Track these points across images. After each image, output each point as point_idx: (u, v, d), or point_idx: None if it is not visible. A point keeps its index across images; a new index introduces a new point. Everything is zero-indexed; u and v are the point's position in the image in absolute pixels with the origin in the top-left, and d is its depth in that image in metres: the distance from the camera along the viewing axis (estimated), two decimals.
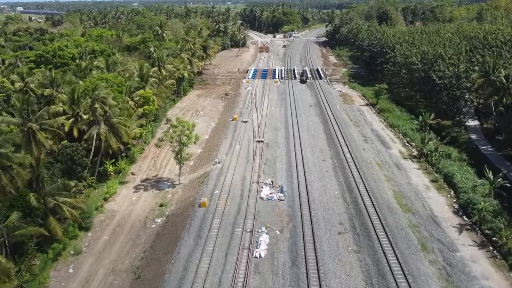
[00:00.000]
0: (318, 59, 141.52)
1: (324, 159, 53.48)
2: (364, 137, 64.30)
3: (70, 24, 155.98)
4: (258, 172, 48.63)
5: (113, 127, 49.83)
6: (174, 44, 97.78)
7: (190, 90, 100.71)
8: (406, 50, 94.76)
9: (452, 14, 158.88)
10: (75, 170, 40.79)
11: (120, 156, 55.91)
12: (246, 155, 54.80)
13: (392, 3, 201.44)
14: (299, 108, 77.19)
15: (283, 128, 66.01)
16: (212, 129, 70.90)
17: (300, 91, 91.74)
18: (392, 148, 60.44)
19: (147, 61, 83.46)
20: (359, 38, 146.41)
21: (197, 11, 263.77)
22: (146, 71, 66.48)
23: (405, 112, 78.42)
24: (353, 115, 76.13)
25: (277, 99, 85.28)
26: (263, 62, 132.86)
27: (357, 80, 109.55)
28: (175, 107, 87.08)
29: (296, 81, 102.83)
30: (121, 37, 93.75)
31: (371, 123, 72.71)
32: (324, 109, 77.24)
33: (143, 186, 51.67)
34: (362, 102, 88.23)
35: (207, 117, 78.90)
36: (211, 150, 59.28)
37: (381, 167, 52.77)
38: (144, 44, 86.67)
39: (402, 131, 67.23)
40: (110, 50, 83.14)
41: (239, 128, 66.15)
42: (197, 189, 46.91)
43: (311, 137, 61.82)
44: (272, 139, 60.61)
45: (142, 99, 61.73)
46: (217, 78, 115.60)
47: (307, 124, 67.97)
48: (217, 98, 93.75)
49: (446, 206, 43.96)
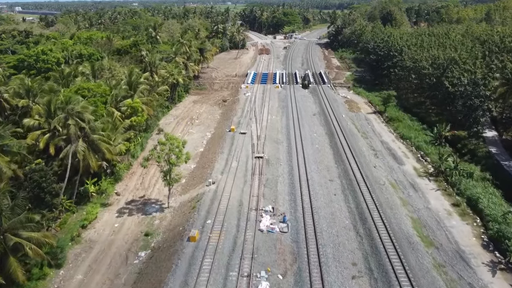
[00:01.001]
0: (321, 62, 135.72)
1: (331, 178, 47.68)
2: (374, 150, 58.54)
3: (63, 25, 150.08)
4: (257, 196, 42.83)
5: (93, 143, 44.09)
6: (169, 47, 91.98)
7: (186, 95, 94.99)
8: (415, 53, 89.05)
9: (459, 15, 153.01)
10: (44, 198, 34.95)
11: (104, 174, 50.17)
12: (244, 174, 48.98)
13: (396, 3, 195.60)
14: (302, 117, 71.39)
15: (284, 140, 60.22)
16: (208, 141, 65.15)
17: (302, 98, 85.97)
18: (405, 164, 54.68)
19: (139, 65, 77.76)
20: (363, 39, 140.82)
21: (196, 11, 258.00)
22: (136, 78, 60.73)
23: (416, 121, 72.66)
24: (360, 125, 70.36)
25: (278, 106, 79.49)
26: (263, 65, 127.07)
27: (362, 84, 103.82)
28: (169, 114, 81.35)
29: (298, 86, 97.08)
30: (111, 39, 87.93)
31: (380, 134, 66.97)
32: (329, 118, 71.44)
33: (128, 210, 45.91)
34: (369, 109, 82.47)
35: (203, 127, 73.15)
36: (205, 167, 53.50)
37: (396, 188, 47.00)
38: (135, 47, 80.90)
39: (415, 144, 61.47)
40: (98, 54, 77.41)
41: (237, 141, 60.36)
42: (188, 216, 41.11)
43: (316, 151, 56.03)
44: (273, 154, 54.82)
45: (130, 109, 55.99)
46: (215, 82, 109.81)
47: (311, 136, 62.19)
48: (214, 104, 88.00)
49: (474, 238, 38.18)
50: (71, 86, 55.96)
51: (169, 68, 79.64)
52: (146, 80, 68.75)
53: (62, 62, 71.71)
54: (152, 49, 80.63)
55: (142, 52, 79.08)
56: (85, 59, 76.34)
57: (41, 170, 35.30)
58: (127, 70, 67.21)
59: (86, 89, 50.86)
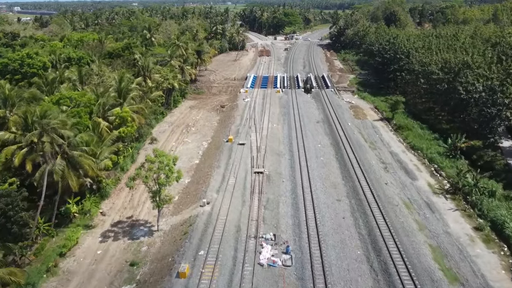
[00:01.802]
0: (323, 64, 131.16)
1: (339, 198, 43.07)
2: (383, 163, 53.95)
3: (56, 26, 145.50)
4: (256, 220, 38.22)
5: (74, 161, 39.51)
6: (164, 49, 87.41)
7: (182, 100, 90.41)
8: (423, 56, 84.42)
9: (465, 16, 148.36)
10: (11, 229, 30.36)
11: (88, 192, 45.61)
12: (242, 192, 44.36)
13: (399, 3, 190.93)
14: (305, 126, 66.80)
15: (287, 153, 55.61)
16: (204, 152, 60.57)
17: (305, 104, 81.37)
18: (418, 179, 50.08)
19: (132, 70, 73.18)
20: (367, 41, 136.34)
21: (195, 11, 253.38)
22: (126, 84, 56.14)
23: (427, 130, 68.01)
24: (367, 134, 65.76)
25: (279, 113, 74.88)
26: (263, 67, 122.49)
27: (367, 88, 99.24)
28: (164, 121, 76.77)
29: (300, 90, 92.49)
30: (103, 42, 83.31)
31: (389, 144, 62.37)
32: (333, 126, 66.86)
33: (113, 233, 41.34)
34: (376, 116, 77.83)
35: (199, 135, 68.57)
36: (200, 183, 48.89)
37: (410, 208, 42.39)
38: (128, 50, 76.29)
39: (428, 156, 56.84)
40: (88, 57, 72.78)
41: (235, 153, 55.77)
42: (178, 244, 36.52)
43: (321, 165, 51.41)
44: (274, 169, 50.20)
45: (118, 119, 51.40)
46: (213, 86, 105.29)
47: (315, 147, 57.59)
48: (211, 110, 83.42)
49: (503, 271, 33.60)
50: (56, 94, 51.31)
51: (164, 72, 75.06)
52: (138, 86, 64.23)
53: (48, 66, 67.11)
54: (145, 52, 75.98)
55: (135, 56, 74.46)
56: (74, 63, 71.74)
57: (7, 195, 30.71)
58: (118, 75, 62.69)
59: (69, 99, 46.28)
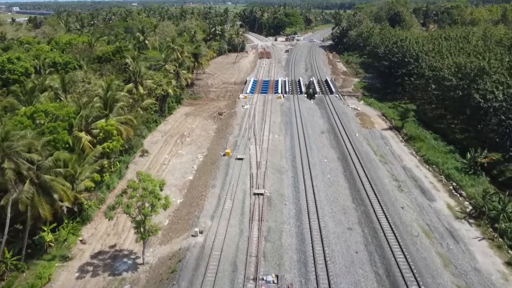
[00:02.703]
0: (326, 67, 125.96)
1: (350, 226, 37.88)
2: (396, 181, 48.77)
3: (49, 27, 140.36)
4: (256, 256, 33.01)
5: (45, 186, 34.36)
6: (158, 53, 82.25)
7: (178, 107, 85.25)
8: (433, 60, 79.22)
9: (473, 16, 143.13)
10: None
11: (66, 217, 40.43)
12: (240, 219, 39.16)
13: (403, 3, 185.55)
14: (309, 137, 61.61)
15: (289, 169, 50.39)
16: (199, 166, 55.40)
17: (308, 111, 76.17)
18: (436, 200, 44.92)
19: (122, 75, 68.07)
20: (371, 43, 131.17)
21: (193, 12, 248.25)
22: (112, 93, 50.96)
23: (440, 141, 62.76)
24: (376, 146, 60.59)
25: (280, 122, 69.66)
26: (264, 71, 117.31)
27: (373, 93, 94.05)
28: (157, 130, 71.59)
29: (302, 96, 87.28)
30: (93, 45, 78.13)
31: (400, 157, 57.19)
32: (340, 137, 61.67)
33: (93, 267, 36.19)
34: (384, 125, 72.62)
35: (194, 146, 63.42)
36: (193, 205, 43.71)
37: (431, 238, 37.22)
38: (119, 54, 71.12)
39: (444, 172, 51.65)
40: (76, 62, 67.62)
41: (232, 169, 50.57)
42: (165, 285, 31.34)
43: (328, 185, 46.20)
44: (276, 190, 44.98)
45: (103, 133, 46.24)
46: (211, 90, 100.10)
47: (320, 162, 52.39)
48: (208, 118, 78.24)
49: None
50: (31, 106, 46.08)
51: (157, 78, 69.89)
52: (127, 94, 59.12)
53: (31, 72, 62.00)
54: (137, 56, 70.82)
55: (126, 60, 69.32)
56: (60, 68, 66.59)
57: None
58: (105, 83, 57.57)
59: (44, 112, 41.09)
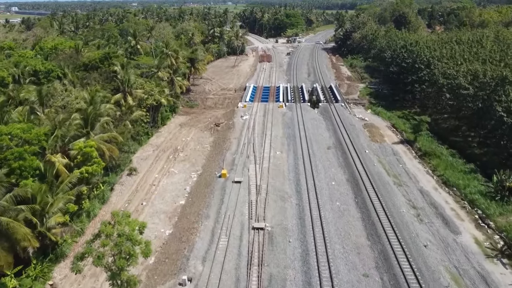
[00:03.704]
0: (329, 72, 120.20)
1: (366, 272, 32.11)
2: (414, 208, 43.08)
3: (41, 29, 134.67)
4: None
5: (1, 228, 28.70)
6: (151, 59, 76.54)
7: (172, 116, 79.54)
8: (446, 67, 73.51)
9: (482, 18, 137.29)
10: None
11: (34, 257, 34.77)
12: (236, 263, 33.39)
13: (408, 4, 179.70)
14: (314, 153, 55.90)
15: (293, 195, 44.64)
16: (192, 188, 49.71)
17: (312, 122, 70.41)
18: (462, 233, 39.24)
19: (110, 84, 62.40)
20: (376, 46, 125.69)
21: (192, 12, 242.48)
22: (93, 109, 45.29)
23: (458, 158, 56.95)
24: (389, 164, 54.89)
25: (282, 135, 63.93)
26: (264, 76, 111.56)
27: (380, 101, 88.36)
28: (148, 144, 65.90)
29: (305, 105, 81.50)
30: (80, 50, 72.42)
31: (415, 177, 51.48)
32: (348, 154, 55.94)
33: None
34: (395, 138, 66.89)
35: (188, 163, 57.76)
36: (183, 239, 38.01)
37: (461, 286, 31.51)
38: (107, 60, 65.43)
39: (467, 196, 45.93)
40: (59, 70, 61.93)
41: (229, 195, 44.85)
42: None
43: (338, 215, 40.49)
44: (278, 222, 39.25)
45: (81, 155, 40.57)
46: (208, 97, 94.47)
47: (328, 186, 46.65)
48: (204, 129, 72.53)
49: None
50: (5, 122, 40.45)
51: (148, 87, 64.19)
52: (113, 107, 53.46)
53: (9, 82, 56.28)
54: (127, 64, 65.08)
55: (115, 68, 63.60)
56: (42, 77, 60.90)
57: None
58: (89, 94, 51.95)
59: (8, 135, 35.41)
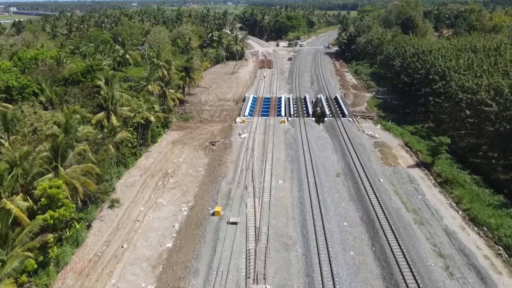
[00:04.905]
0: (333, 79, 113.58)
1: None
2: (441, 257, 36.41)
3: (30, 34, 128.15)
4: None
5: None
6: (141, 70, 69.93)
7: (164, 132, 72.94)
8: (464, 79, 66.74)
9: (494, 22, 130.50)
10: None
11: None
12: None
13: (414, 6, 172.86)
14: (322, 183, 49.20)
15: (299, 240, 37.84)
16: (181, 226, 43.04)
17: (318, 141, 63.68)
18: None
19: (94, 101, 55.85)
20: (383, 51, 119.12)
21: (191, 14, 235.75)
22: (64, 140, 38.66)
23: (484, 187, 50.13)
24: (406, 195, 48.19)
25: (285, 159, 57.23)
26: (265, 84, 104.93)
27: (390, 113, 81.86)
28: (136, 167, 59.25)
29: (309, 119, 74.71)
30: (62, 62, 65.74)
31: (438, 211, 44.81)
32: (360, 183, 49.21)
33: None
34: (409, 159, 60.21)
35: (179, 192, 51.13)
36: None
37: None
38: (90, 74, 58.86)
39: (502, 240, 39.28)
40: (35, 86, 55.36)
41: (222, 242, 38.10)
42: None
43: (354, 271, 33.72)
44: (281, 283, 32.31)
45: (45, 198, 33.95)
46: (204, 109, 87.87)
47: (339, 227, 39.93)
48: (198, 148, 65.88)
49: None
50: None
51: (135, 104, 57.57)
52: (92, 132, 46.84)
53: None
54: (112, 77, 58.44)
55: (99, 82, 57.06)
56: (16, 93, 54.33)
57: None
58: (64, 116, 45.40)
59: None
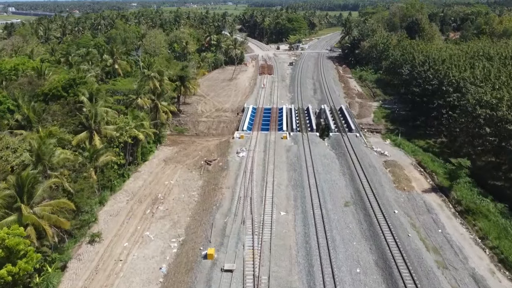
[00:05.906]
0: (337, 86, 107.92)
1: None
2: None
3: (20, 37, 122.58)
4: None
5: None
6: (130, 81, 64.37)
7: (156, 148, 67.50)
8: (483, 92, 61.25)
9: (504, 26, 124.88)
10: None
11: None
12: None
13: (419, 9, 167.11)
14: (329, 215, 43.59)
15: None
16: (169, 268, 37.56)
17: (323, 162, 58.02)
18: None
19: (74, 119, 50.30)
20: (389, 56, 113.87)
21: (189, 16, 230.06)
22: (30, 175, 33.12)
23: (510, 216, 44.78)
24: (424, 228, 42.62)
25: (287, 184, 51.57)
26: (265, 93, 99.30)
27: (398, 126, 76.22)
28: (123, 189, 53.82)
29: (313, 134, 69.00)
30: (43, 74, 60.11)
31: (462, 250, 39.31)
32: (373, 215, 43.56)
33: None
34: (424, 182, 54.66)
35: (168, 223, 45.64)
36: None
37: None
38: (73, 88, 53.30)
39: None
40: (11, 102, 49.82)
41: None
42: None
43: None
44: None
45: (3, 250, 28.38)
46: (200, 120, 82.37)
47: (352, 276, 34.26)
48: (193, 168, 60.36)
49: None
50: None
51: (121, 122, 51.98)
52: (70, 158, 41.29)
53: None
54: (97, 92, 52.88)
55: (82, 97, 51.54)
56: None
57: None
58: (37, 141, 39.94)
59: None
